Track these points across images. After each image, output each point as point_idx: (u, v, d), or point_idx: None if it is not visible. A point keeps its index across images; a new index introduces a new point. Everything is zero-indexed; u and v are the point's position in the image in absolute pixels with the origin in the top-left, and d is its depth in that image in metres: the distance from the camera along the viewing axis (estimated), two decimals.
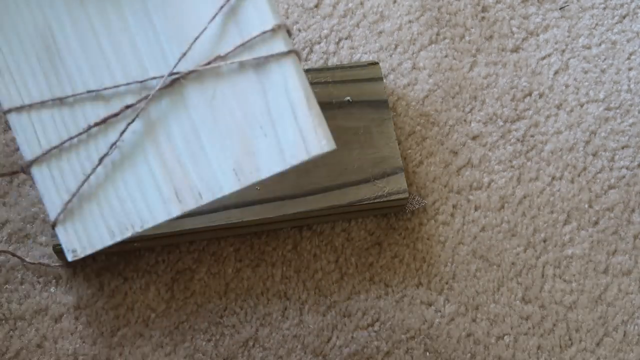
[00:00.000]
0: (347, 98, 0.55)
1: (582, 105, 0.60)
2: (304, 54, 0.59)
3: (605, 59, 0.61)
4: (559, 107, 0.59)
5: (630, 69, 0.61)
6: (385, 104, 0.55)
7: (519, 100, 0.59)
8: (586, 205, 0.57)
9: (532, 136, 0.58)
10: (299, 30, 0.60)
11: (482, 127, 0.58)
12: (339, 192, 0.52)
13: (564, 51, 0.61)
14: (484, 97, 0.59)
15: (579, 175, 0.57)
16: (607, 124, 0.59)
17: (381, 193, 0.52)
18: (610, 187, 0.57)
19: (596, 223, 0.56)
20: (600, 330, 0.54)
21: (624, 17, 0.63)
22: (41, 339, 0.50)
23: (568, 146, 0.58)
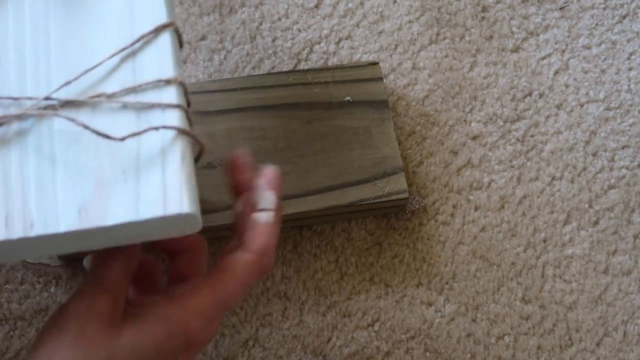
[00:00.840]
0: (347, 98, 0.55)
1: (582, 105, 0.60)
2: (304, 54, 0.59)
3: (605, 59, 0.61)
4: (559, 107, 0.59)
5: (630, 69, 0.61)
6: (385, 104, 0.55)
7: (519, 100, 0.59)
8: (586, 205, 0.57)
9: (532, 136, 0.58)
10: (299, 30, 0.60)
11: (482, 127, 0.58)
12: (339, 192, 0.52)
13: (564, 51, 0.61)
14: (484, 97, 0.59)
15: (579, 175, 0.57)
16: (607, 124, 0.59)
17: (381, 193, 0.52)
18: (610, 187, 0.57)
19: (596, 223, 0.56)
20: (600, 330, 0.54)
21: (624, 17, 0.63)
22: None
23: (568, 146, 0.58)
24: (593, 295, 0.54)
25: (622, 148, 0.59)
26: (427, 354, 0.52)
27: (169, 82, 0.36)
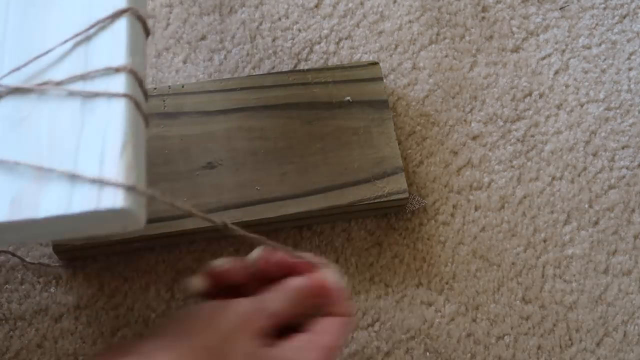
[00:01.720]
0: (347, 98, 0.55)
1: (582, 105, 0.60)
2: (304, 54, 0.59)
3: (605, 59, 0.61)
4: (559, 107, 0.59)
5: (630, 69, 0.61)
6: (386, 104, 0.55)
7: (519, 100, 0.59)
8: (586, 205, 0.57)
9: (532, 136, 0.58)
10: (299, 30, 0.60)
11: (482, 127, 0.58)
12: (339, 192, 0.52)
13: (564, 51, 0.61)
14: (484, 97, 0.59)
15: (579, 175, 0.57)
16: (607, 124, 0.59)
17: (381, 193, 0.52)
18: (611, 187, 0.57)
19: (596, 223, 0.56)
20: (600, 330, 0.53)
21: (624, 17, 0.63)
22: (41, 339, 0.50)
23: (568, 146, 0.58)
24: (593, 295, 0.54)
25: (622, 148, 0.59)
26: (427, 354, 0.52)
27: (118, 70, 0.35)
